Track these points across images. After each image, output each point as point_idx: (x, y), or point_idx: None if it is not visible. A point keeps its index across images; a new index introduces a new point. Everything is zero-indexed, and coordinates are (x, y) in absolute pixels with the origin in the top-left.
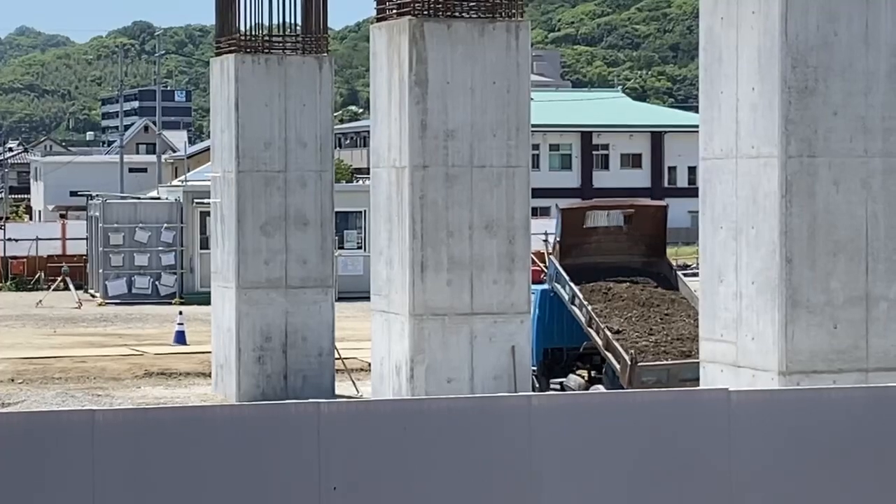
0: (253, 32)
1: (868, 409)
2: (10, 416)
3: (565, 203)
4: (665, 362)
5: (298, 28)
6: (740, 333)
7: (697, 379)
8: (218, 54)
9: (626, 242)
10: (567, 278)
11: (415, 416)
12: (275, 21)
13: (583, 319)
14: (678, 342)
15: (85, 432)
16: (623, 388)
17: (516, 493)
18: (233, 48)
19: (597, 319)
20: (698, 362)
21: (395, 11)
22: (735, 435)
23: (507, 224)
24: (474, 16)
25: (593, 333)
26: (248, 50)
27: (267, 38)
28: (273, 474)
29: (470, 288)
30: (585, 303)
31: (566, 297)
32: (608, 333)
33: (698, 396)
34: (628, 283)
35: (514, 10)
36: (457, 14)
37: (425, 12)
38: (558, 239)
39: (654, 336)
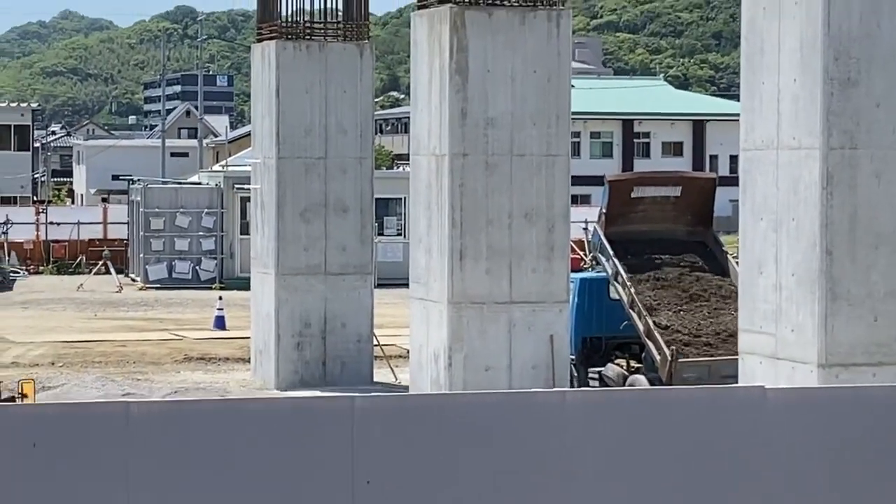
0: (294, 19)
1: None
2: (46, 408)
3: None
4: (706, 358)
5: (340, 15)
6: (780, 325)
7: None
8: (259, 41)
9: (672, 213)
10: (611, 251)
11: (448, 411)
12: (316, 7)
13: (624, 299)
14: (728, 336)
15: (119, 424)
16: (662, 381)
17: (550, 488)
18: (274, 35)
19: (639, 303)
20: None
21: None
22: (771, 433)
23: (547, 213)
24: (515, 4)
25: (634, 317)
26: (290, 36)
27: (308, 24)
28: (306, 468)
29: (509, 276)
30: (629, 283)
31: (609, 272)
32: (650, 321)
33: (734, 394)
34: (677, 267)
35: None
36: (498, 2)
37: (466, 0)
38: (604, 210)
39: (702, 333)
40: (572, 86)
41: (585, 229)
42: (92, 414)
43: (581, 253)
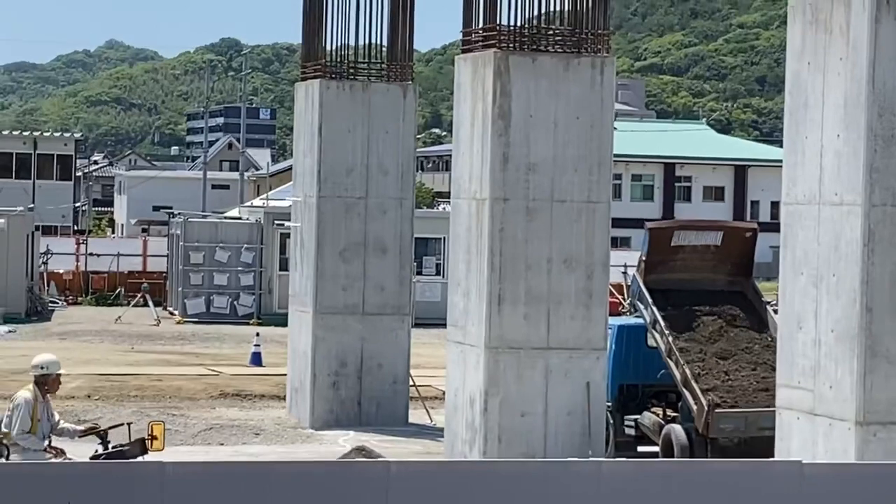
0: (338, 59)
1: None
2: (81, 466)
3: (653, 222)
4: (743, 409)
5: (384, 55)
6: (818, 381)
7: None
8: (303, 79)
9: (712, 262)
10: (649, 299)
11: (484, 479)
12: (361, 42)
13: (662, 348)
14: (765, 388)
15: (154, 485)
16: (698, 431)
17: None
18: (318, 74)
19: (676, 352)
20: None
21: (480, 43)
22: None
23: (586, 259)
24: (559, 50)
25: (672, 365)
26: (333, 76)
27: (352, 64)
28: None
29: (546, 322)
30: (667, 331)
31: (647, 320)
32: (687, 371)
33: (771, 468)
34: (716, 317)
35: (599, 46)
36: (542, 48)
37: (510, 45)
38: (644, 257)
39: (739, 385)
40: (614, 128)
41: (624, 273)
42: (127, 474)
43: (619, 297)
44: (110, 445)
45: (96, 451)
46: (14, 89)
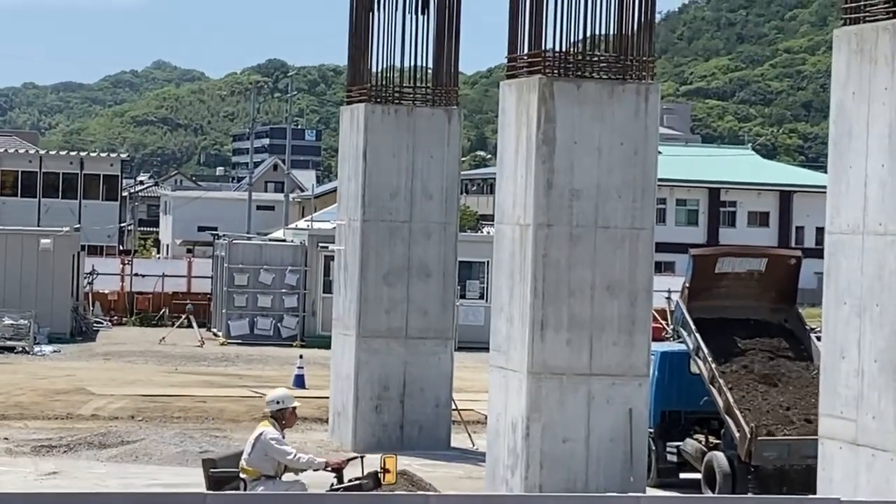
0: (383, 83)
1: None
2: (119, 497)
3: (697, 249)
4: (786, 437)
5: (429, 79)
6: (861, 411)
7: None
8: (349, 103)
9: (756, 290)
10: (693, 326)
11: None
12: (406, 66)
13: (705, 374)
14: (809, 416)
15: None
16: (740, 458)
17: None
18: (363, 98)
19: (719, 379)
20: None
21: (525, 69)
22: None
23: (629, 286)
24: (604, 77)
25: (714, 392)
26: (379, 100)
27: (397, 88)
28: None
29: (589, 348)
30: (710, 358)
31: (690, 346)
32: (730, 398)
33: None
34: (759, 344)
35: (644, 72)
36: (587, 74)
37: (555, 71)
38: (687, 284)
39: (782, 413)
40: (659, 153)
41: (668, 299)
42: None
43: (663, 322)
44: (345, 478)
45: (332, 484)
46: (61, 109)
